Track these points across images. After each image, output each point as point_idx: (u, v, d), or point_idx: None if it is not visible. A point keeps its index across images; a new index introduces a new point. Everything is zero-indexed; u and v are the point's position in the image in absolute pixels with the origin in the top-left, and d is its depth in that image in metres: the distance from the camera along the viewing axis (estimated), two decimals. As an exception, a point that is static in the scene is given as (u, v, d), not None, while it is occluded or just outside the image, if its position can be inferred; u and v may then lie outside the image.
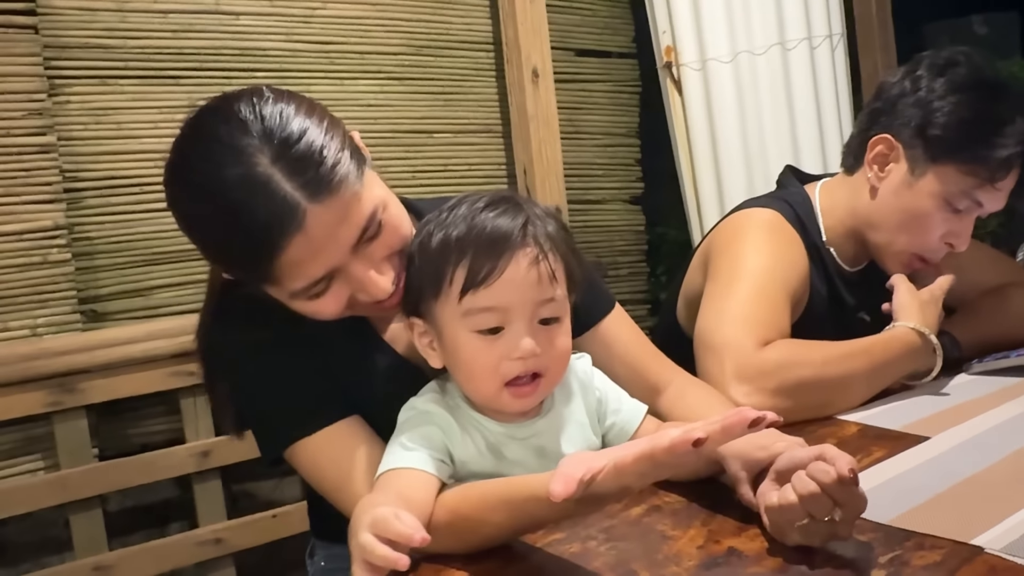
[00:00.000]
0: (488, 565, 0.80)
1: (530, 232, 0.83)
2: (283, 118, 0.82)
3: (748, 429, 0.62)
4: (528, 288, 0.82)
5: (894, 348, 1.19)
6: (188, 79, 1.80)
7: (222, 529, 1.76)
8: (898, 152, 1.26)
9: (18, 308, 1.62)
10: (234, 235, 0.82)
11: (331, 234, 0.82)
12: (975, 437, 1.04)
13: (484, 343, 0.84)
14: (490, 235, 0.82)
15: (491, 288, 0.81)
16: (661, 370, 1.08)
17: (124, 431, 1.76)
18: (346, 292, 0.87)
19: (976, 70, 1.24)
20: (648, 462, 0.65)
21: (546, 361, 0.85)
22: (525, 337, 0.83)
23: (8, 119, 1.60)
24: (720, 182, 2.11)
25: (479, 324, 0.83)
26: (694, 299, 1.32)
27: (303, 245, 0.81)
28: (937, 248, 1.29)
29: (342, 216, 0.82)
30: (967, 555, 0.74)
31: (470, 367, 0.85)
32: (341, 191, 0.82)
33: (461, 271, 0.82)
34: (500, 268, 0.81)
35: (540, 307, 0.84)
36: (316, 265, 0.83)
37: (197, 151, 0.83)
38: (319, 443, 0.91)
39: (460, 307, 0.83)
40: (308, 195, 0.80)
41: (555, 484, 0.66)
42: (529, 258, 0.82)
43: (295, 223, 0.80)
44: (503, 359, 0.83)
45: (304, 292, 0.85)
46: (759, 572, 0.75)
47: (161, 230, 1.77)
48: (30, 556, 1.73)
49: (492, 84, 2.20)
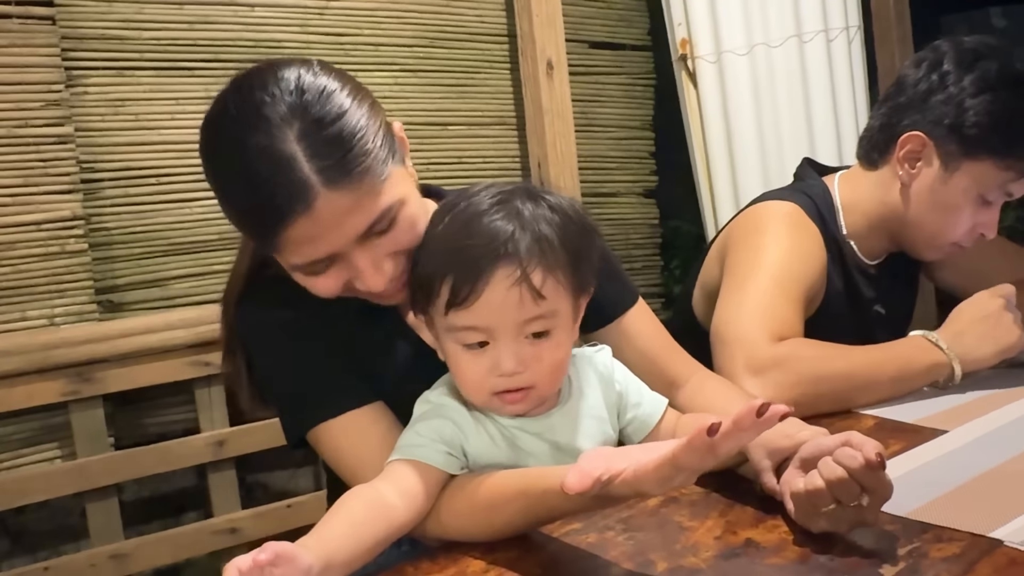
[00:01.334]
0: (505, 554, 0.81)
1: (512, 249, 0.80)
2: (323, 96, 0.82)
3: (756, 418, 0.61)
4: (509, 309, 0.80)
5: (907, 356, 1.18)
6: (203, 70, 1.80)
7: (237, 519, 1.76)
8: (930, 150, 1.25)
9: (36, 298, 1.63)
10: (245, 200, 0.83)
11: (338, 222, 0.82)
12: (994, 431, 1.03)
13: (471, 356, 0.83)
14: (472, 253, 0.80)
15: (471, 309, 0.80)
16: (681, 365, 1.08)
17: (140, 420, 1.77)
18: (344, 277, 0.87)
19: (1005, 64, 1.23)
20: (669, 467, 0.64)
21: (532, 376, 0.84)
22: (507, 356, 0.81)
23: (26, 110, 1.61)
24: (735, 176, 2.10)
25: (464, 339, 0.83)
26: (711, 291, 1.32)
27: (307, 227, 0.81)
28: (971, 237, 1.29)
29: (354, 207, 0.82)
30: (986, 548, 0.74)
31: (459, 377, 0.86)
32: (360, 181, 0.81)
33: (446, 287, 0.81)
34: (478, 291, 0.79)
35: (525, 324, 0.82)
36: (317, 247, 0.83)
37: (233, 110, 0.83)
38: (341, 426, 0.92)
39: (446, 321, 0.83)
40: (325, 179, 0.80)
41: (571, 478, 0.67)
42: (510, 279, 0.79)
43: (303, 205, 0.79)
44: (488, 374, 0.83)
45: (302, 268, 0.86)
46: (777, 563, 0.75)
47: (178, 221, 1.78)
48: (47, 544, 1.74)
49: (506, 76, 2.19)
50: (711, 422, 0.61)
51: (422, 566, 0.81)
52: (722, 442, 0.62)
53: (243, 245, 1.01)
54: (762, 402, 0.61)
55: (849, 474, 0.74)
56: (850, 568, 0.73)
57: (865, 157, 1.36)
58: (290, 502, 1.82)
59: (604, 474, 0.66)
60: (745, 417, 0.61)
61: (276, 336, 0.95)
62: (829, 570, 0.74)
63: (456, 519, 0.82)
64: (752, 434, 0.63)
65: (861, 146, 1.38)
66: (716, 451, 0.62)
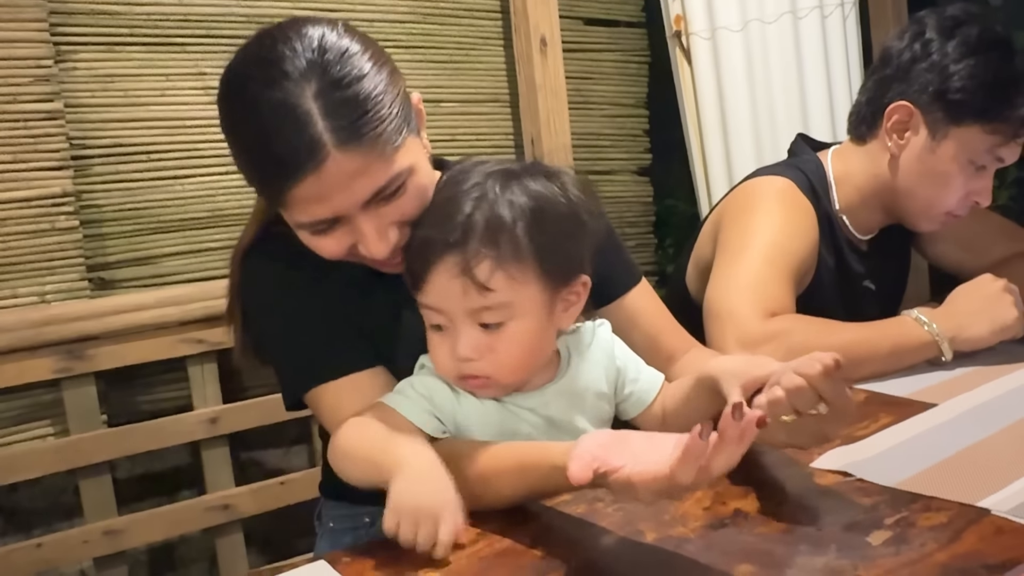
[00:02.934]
0: (495, 523, 0.81)
1: (458, 238, 0.81)
2: (344, 57, 0.82)
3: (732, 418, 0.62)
4: (455, 297, 0.82)
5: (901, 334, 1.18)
6: (195, 46, 1.78)
7: (231, 495, 1.76)
8: (917, 118, 1.26)
9: (26, 275, 1.62)
10: (255, 154, 0.83)
11: (346, 184, 0.82)
12: (983, 404, 1.04)
13: (437, 336, 0.86)
14: (425, 239, 0.83)
15: (423, 292, 0.84)
16: (679, 341, 1.09)
17: (133, 398, 1.76)
18: (348, 240, 0.87)
19: (986, 28, 1.23)
20: (664, 481, 0.64)
21: (487, 367, 0.84)
22: (460, 342, 0.83)
23: (15, 85, 1.59)
24: (729, 153, 2.09)
25: (428, 319, 0.86)
26: (704, 267, 1.32)
27: (315, 186, 0.81)
28: (965, 205, 1.29)
29: (363, 170, 0.82)
30: (973, 517, 0.74)
31: (431, 355, 0.88)
32: (371, 146, 0.82)
33: (408, 268, 0.86)
34: (424, 277, 0.83)
35: (475, 313, 0.82)
36: (323, 208, 0.83)
37: (253, 62, 0.84)
38: (341, 389, 0.92)
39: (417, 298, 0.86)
40: (336, 140, 0.80)
41: (574, 466, 0.67)
42: (455, 268, 0.81)
43: (313, 163, 0.80)
44: (450, 356, 0.85)
45: (307, 227, 0.86)
46: (765, 533, 0.76)
47: (169, 198, 1.77)
48: (41, 522, 1.74)
49: (499, 53, 2.18)
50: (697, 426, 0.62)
51: (412, 537, 0.81)
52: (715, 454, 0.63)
53: (257, 201, 1.00)
54: (735, 403, 0.62)
55: (808, 382, 0.76)
56: (838, 537, 0.74)
57: (855, 132, 1.36)
58: (283, 479, 1.82)
59: (600, 467, 0.67)
60: (727, 425, 0.62)
61: (279, 295, 0.96)
62: (817, 539, 0.74)
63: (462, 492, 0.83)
64: (742, 447, 0.64)
65: (851, 121, 1.38)
66: (710, 468, 0.63)
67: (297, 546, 1.86)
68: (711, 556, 0.72)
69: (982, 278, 1.23)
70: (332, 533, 1.14)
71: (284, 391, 0.98)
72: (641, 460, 0.67)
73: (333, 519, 1.14)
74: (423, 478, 0.77)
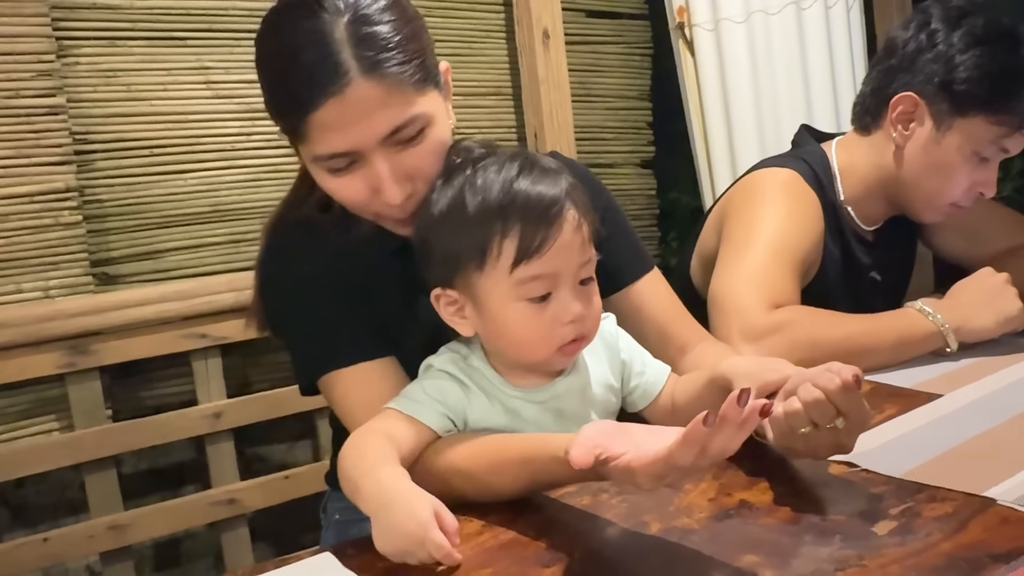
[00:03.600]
0: (500, 515, 0.81)
1: (572, 197, 0.84)
2: (380, 1, 0.85)
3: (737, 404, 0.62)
4: (573, 253, 0.84)
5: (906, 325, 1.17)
6: (196, 40, 1.78)
7: (235, 490, 1.77)
8: (922, 109, 1.25)
9: (31, 270, 1.62)
10: (282, 77, 0.85)
11: (366, 113, 0.83)
12: (988, 395, 1.03)
13: (533, 311, 0.84)
14: (537, 204, 0.82)
15: (544, 257, 0.82)
16: (690, 332, 1.08)
17: (138, 393, 1.77)
18: (365, 185, 0.88)
19: (992, 19, 1.22)
20: (663, 463, 0.64)
21: (589, 322, 0.87)
22: (574, 302, 0.84)
23: (17, 80, 1.59)
24: (732, 145, 2.09)
25: (530, 292, 0.83)
26: (709, 259, 1.31)
27: (336, 111, 0.83)
28: (969, 196, 1.29)
29: (383, 102, 0.83)
30: (979, 507, 0.74)
31: (519, 335, 0.85)
32: (395, 80, 0.84)
33: (511, 242, 0.82)
34: (552, 236, 0.82)
35: (581, 269, 0.85)
36: (342, 138, 0.84)
37: (293, 1, 0.87)
38: (353, 376, 0.93)
39: (511, 278, 0.83)
40: (361, 67, 0.82)
41: (575, 451, 0.67)
42: (574, 224, 0.83)
43: (337, 86, 0.82)
44: (553, 325, 0.84)
45: (324, 161, 0.87)
46: (770, 523, 0.75)
47: (172, 193, 1.77)
48: (47, 517, 1.75)
49: (502, 46, 2.17)
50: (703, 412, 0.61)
51: (416, 529, 0.81)
52: (714, 435, 0.62)
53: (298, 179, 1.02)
54: (742, 388, 0.62)
55: (826, 395, 0.75)
56: (843, 527, 0.74)
57: (859, 122, 1.36)
58: (288, 473, 1.82)
59: (602, 453, 0.67)
60: (730, 409, 0.62)
61: (297, 280, 0.96)
62: (822, 530, 0.74)
63: (455, 478, 0.83)
64: (742, 433, 0.64)
65: (855, 112, 1.37)
66: (707, 450, 0.63)
67: (303, 540, 1.86)
68: (716, 547, 0.72)
69: (986, 270, 1.22)
70: (338, 525, 1.14)
71: (298, 376, 0.99)
72: (642, 448, 0.67)
73: (339, 511, 1.14)
74: (390, 509, 0.74)
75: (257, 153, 1.85)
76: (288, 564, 0.77)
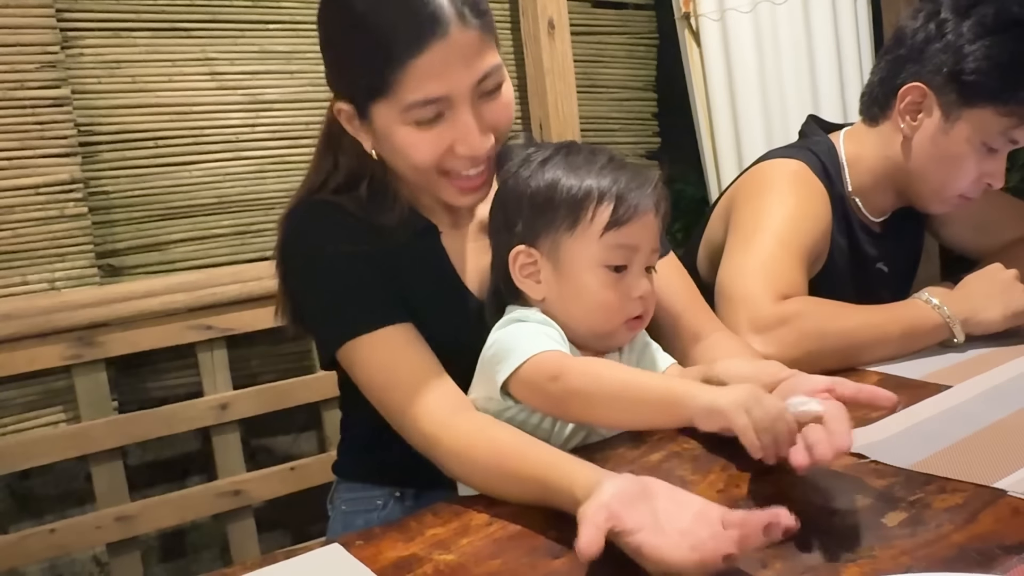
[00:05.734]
0: (507, 508, 0.81)
1: (658, 189, 0.94)
2: None
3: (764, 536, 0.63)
4: (653, 234, 0.93)
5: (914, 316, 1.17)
6: (199, 31, 1.77)
7: (241, 481, 1.77)
8: (930, 100, 1.24)
9: (36, 262, 1.62)
10: (385, 20, 0.86)
11: (464, 58, 0.87)
12: (997, 386, 1.03)
13: (612, 279, 0.92)
14: (632, 181, 0.92)
15: (631, 227, 0.91)
16: (705, 321, 1.09)
17: (143, 385, 1.77)
18: (446, 138, 0.90)
19: (1003, 9, 1.21)
20: (673, 569, 0.63)
21: (651, 303, 0.96)
22: (643, 279, 0.93)
23: (22, 71, 1.59)
24: (738, 136, 2.08)
25: (613, 259, 0.91)
26: (715, 250, 1.31)
27: (439, 55, 0.85)
28: (977, 187, 1.28)
29: (480, 49, 0.88)
30: (989, 498, 0.74)
31: (594, 300, 0.92)
32: (485, 29, 0.89)
33: (605, 210, 0.90)
34: (643, 212, 0.91)
35: (653, 254, 0.94)
36: (440, 82, 0.87)
37: None
38: (375, 342, 0.93)
39: (600, 241, 0.91)
40: (460, 15, 0.86)
41: (584, 536, 0.64)
42: (659, 209, 0.93)
43: (443, 30, 0.85)
44: (626, 297, 0.92)
45: (416, 110, 0.88)
46: (780, 515, 0.75)
47: (177, 184, 1.77)
48: (54, 508, 1.75)
49: (507, 36, 2.16)
50: (725, 552, 0.61)
51: (425, 520, 0.81)
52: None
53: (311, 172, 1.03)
54: (770, 522, 0.62)
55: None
56: (853, 519, 0.73)
57: (867, 113, 1.35)
58: (294, 464, 1.82)
59: (615, 526, 0.65)
60: (752, 535, 0.63)
61: (322, 254, 0.97)
62: (831, 521, 0.74)
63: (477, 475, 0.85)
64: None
65: (863, 102, 1.36)
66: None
67: (309, 531, 1.87)
68: (725, 538, 0.71)
69: (996, 265, 1.22)
70: (344, 516, 1.14)
71: (319, 348, 1.01)
72: (660, 523, 0.66)
73: (346, 502, 1.14)
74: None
75: (262, 144, 1.85)
76: (297, 555, 0.77)
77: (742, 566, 0.66)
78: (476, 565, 0.72)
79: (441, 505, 0.84)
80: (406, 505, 1.08)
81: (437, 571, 0.71)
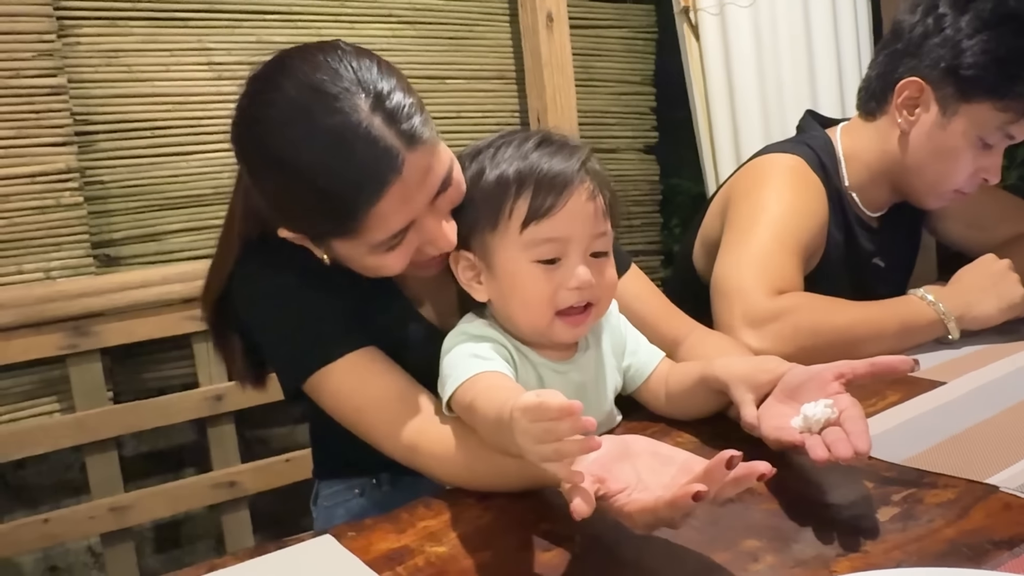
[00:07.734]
0: (500, 499, 0.81)
1: (587, 168, 0.86)
2: (372, 72, 0.83)
3: (726, 469, 0.61)
4: (585, 221, 0.86)
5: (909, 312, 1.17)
6: (197, 21, 1.77)
7: (236, 472, 1.77)
8: (928, 94, 1.24)
9: (32, 251, 1.62)
10: (335, 181, 0.80)
11: (422, 182, 0.83)
12: (991, 382, 1.03)
13: (542, 272, 0.86)
14: (551, 170, 0.85)
15: (553, 220, 0.84)
16: (678, 324, 1.09)
17: (139, 375, 1.77)
18: (414, 246, 0.88)
19: (1000, 3, 1.20)
20: (650, 514, 0.65)
21: (598, 292, 0.88)
22: (582, 268, 0.86)
23: (18, 60, 1.58)
24: (736, 131, 2.08)
25: (539, 254, 0.85)
26: (712, 245, 1.31)
27: (399, 193, 0.82)
28: (973, 182, 1.28)
29: (431, 164, 0.84)
30: (981, 494, 0.74)
31: (526, 296, 0.87)
32: (427, 142, 0.83)
33: (523, 203, 0.85)
34: (563, 201, 0.84)
35: (594, 240, 0.87)
36: (403, 215, 0.84)
37: (290, 99, 0.81)
38: (342, 369, 0.91)
39: (521, 238, 0.85)
40: (405, 143, 0.81)
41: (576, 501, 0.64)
42: (587, 193, 0.85)
43: (395, 169, 0.81)
44: (560, 288, 0.86)
45: (383, 245, 0.86)
46: (771, 508, 0.76)
47: (174, 175, 1.76)
48: (48, 498, 1.75)
49: (506, 29, 2.16)
50: (696, 491, 0.61)
51: (417, 511, 0.81)
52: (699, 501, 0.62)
53: (218, 252, 0.99)
54: (731, 454, 0.61)
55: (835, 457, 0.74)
56: (845, 513, 0.74)
57: (864, 107, 1.35)
58: (289, 456, 1.82)
59: (600, 490, 0.66)
60: (715, 469, 0.62)
61: (275, 291, 0.94)
62: (823, 515, 0.74)
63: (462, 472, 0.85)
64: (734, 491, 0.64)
65: (860, 97, 1.36)
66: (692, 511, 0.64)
67: (303, 523, 1.86)
68: (717, 531, 0.72)
69: (989, 256, 1.22)
70: (326, 511, 1.14)
71: (283, 382, 0.97)
72: (643, 482, 0.67)
73: (326, 498, 1.15)
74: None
75: (259, 135, 1.84)
76: (289, 546, 0.77)
77: (734, 559, 0.66)
78: (467, 557, 0.72)
79: (433, 497, 0.84)
80: (383, 490, 1.08)
81: (428, 563, 0.71)
